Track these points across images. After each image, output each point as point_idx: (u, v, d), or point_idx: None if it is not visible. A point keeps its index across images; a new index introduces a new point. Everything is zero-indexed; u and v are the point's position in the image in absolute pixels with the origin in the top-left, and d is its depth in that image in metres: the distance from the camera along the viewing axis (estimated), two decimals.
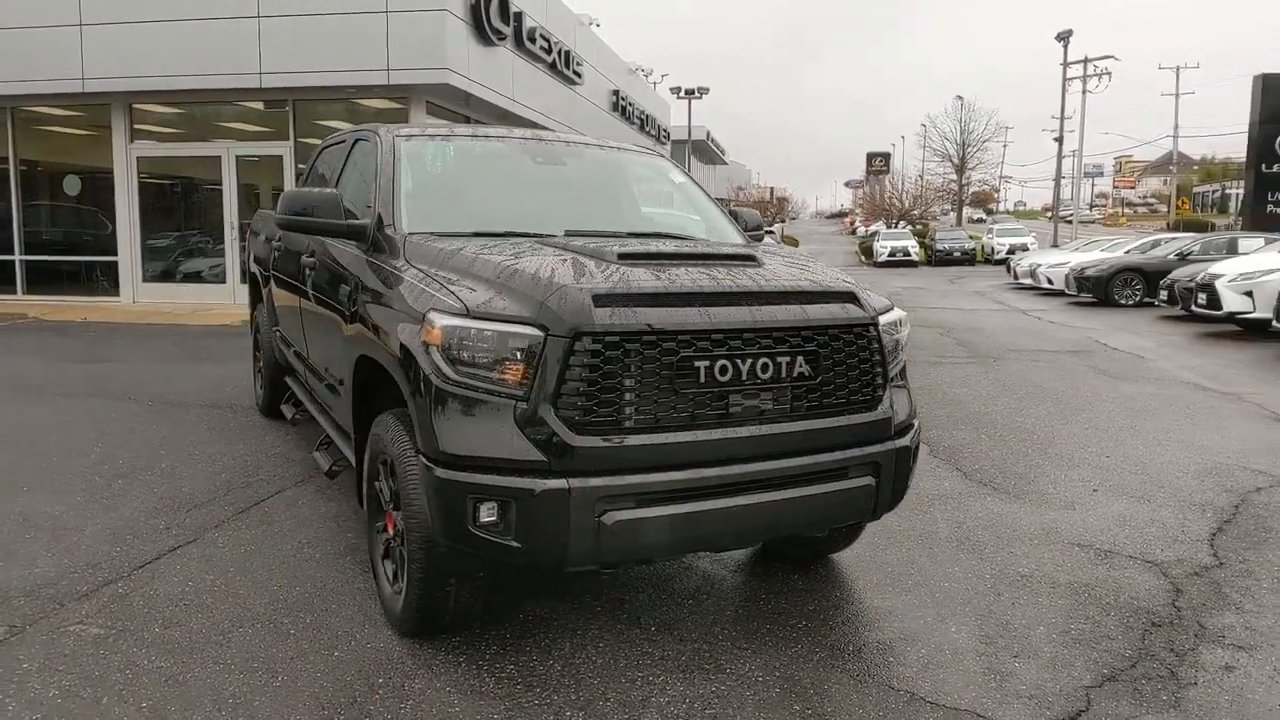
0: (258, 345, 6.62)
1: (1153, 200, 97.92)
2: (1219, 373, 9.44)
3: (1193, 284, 13.63)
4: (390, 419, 3.20)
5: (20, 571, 3.75)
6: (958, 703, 2.89)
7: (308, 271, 4.52)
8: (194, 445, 5.72)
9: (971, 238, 47.12)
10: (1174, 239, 20.35)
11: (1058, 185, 46.52)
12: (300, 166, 13.23)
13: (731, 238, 4.34)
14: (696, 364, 2.85)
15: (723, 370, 2.89)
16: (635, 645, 3.24)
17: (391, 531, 3.30)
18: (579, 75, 17.80)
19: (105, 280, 13.99)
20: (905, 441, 3.31)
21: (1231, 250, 16.97)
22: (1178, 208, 66.43)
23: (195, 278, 14.06)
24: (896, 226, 51.00)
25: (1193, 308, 13.45)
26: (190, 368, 8.53)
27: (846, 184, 66.63)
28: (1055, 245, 35.24)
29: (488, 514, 2.74)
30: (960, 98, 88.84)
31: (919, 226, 52.56)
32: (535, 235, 3.71)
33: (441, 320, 2.82)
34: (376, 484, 3.43)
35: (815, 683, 2.99)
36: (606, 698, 2.88)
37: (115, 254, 13.82)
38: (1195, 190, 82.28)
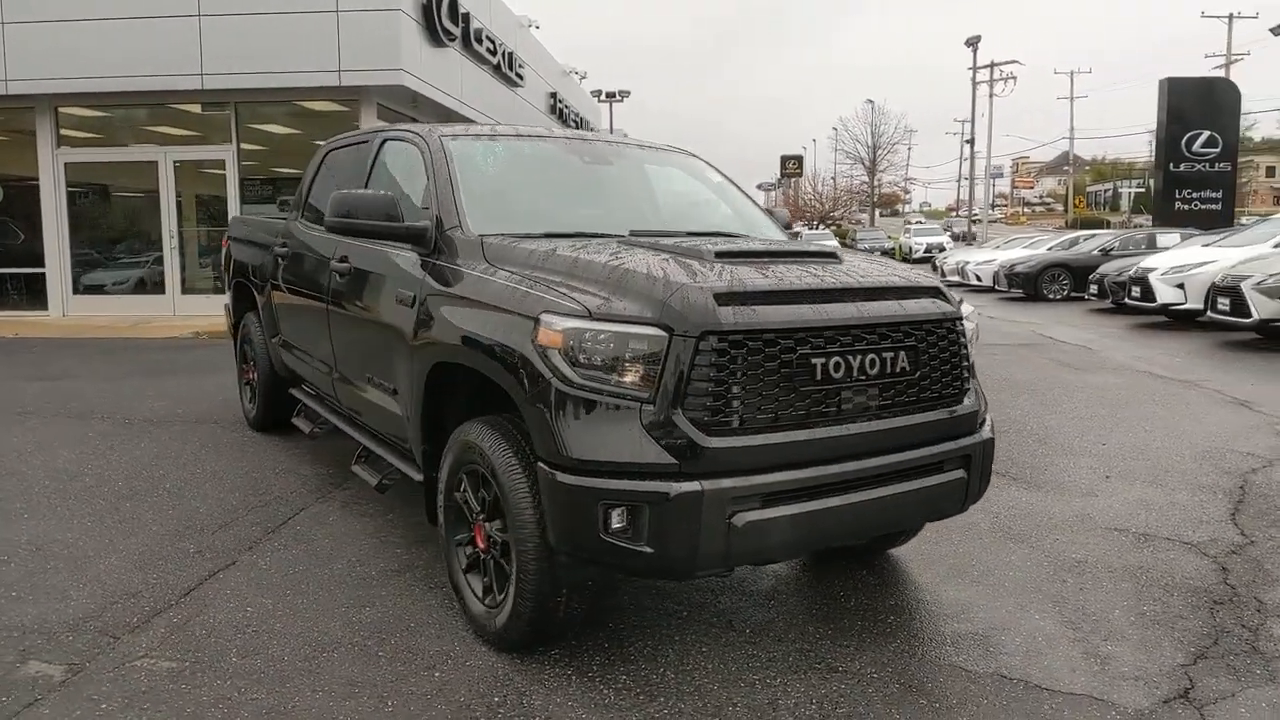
0: (245, 357, 6.33)
1: (1049, 199, 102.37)
2: (1168, 361, 9.91)
3: (1124, 278, 14.29)
4: (482, 427, 3.09)
5: (54, 605, 3.48)
6: (1072, 688, 2.94)
7: (338, 278, 4.33)
8: (191, 464, 5.43)
9: (890, 237, 48.46)
10: (1094, 235, 21.30)
11: (972, 186, 48.26)
12: (246, 170, 12.75)
13: (777, 235, 4.34)
14: (813, 361, 2.83)
15: (835, 367, 2.88)
16: (738, 648, 3.20)
17: (482, 544, 3.18)
18: (521, 78, 17.62)
19: (31, 294, 13.18)
20: (989, 433, 3.36)
21: (1151, 245, 17.88)
22: (1075, 206, 69.65)
23: (130, 289, 13.37)
24: (817, 228, 52.11)
25: (1126, 300, 14.10)
26: (153, 383, 8.09)
27: (759, 186, 67.45)
28: (972, 243, 36.57)
29: (618, 520, 2.67)
30: (871, 101, 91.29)
31: (837, 227, 53.84)
32: (604, 235, 3.64)
33: (562, 323, 2.74)
34: (457, 495, 3.31)
35: (929, 676, 3.01)
36: (733, 703, 2.84)
37: (43, 265, 13.03)
38: (1089, 189, 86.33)
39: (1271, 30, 21.45)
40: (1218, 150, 22.73)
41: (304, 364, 5.07)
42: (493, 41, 15.33)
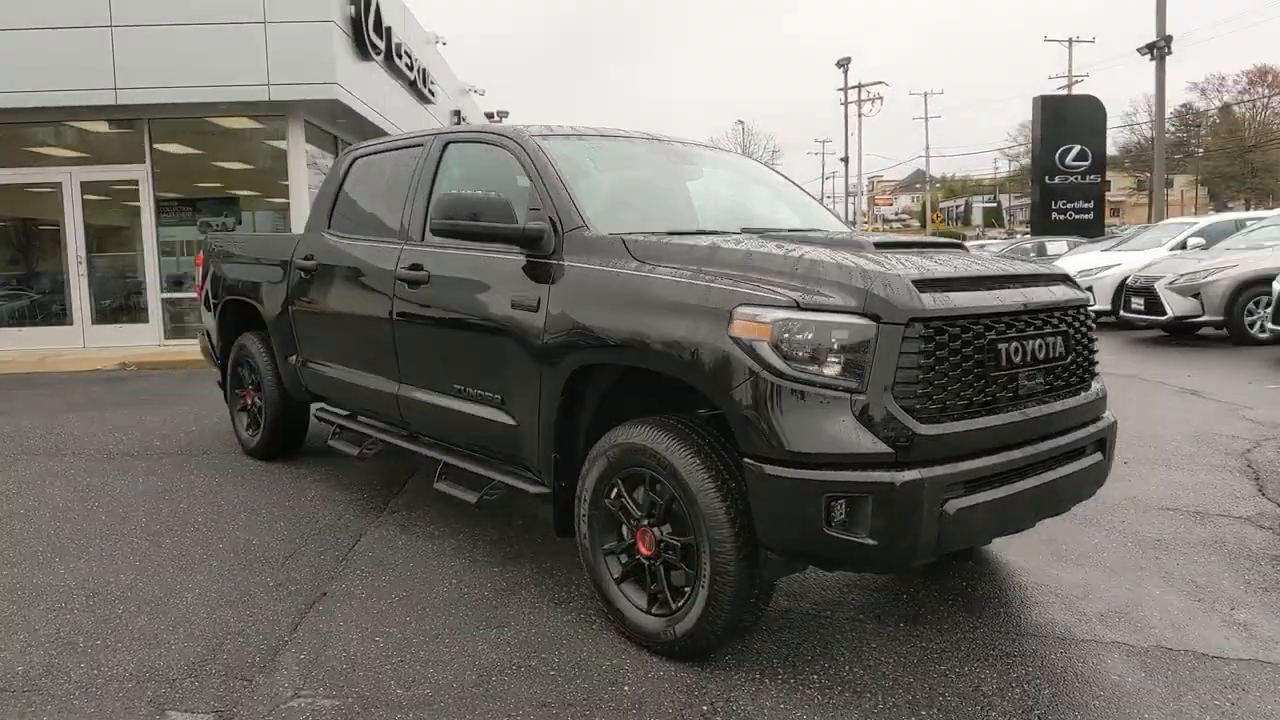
0: (240, 382, 5.90)
1: (905, 216, 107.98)
2: (1107, 359, 10.54)
3: None
4: (652, 428, 2.98)
5: (153, 651, 3.13)
6: (1240, 654, 3.06)
7: (406, 288, 4.10)
8: (210, 496, 5.00)
9: None
10: (982, 247, 22.55)
11: (847, 203, 50.36)
12: (162, 190, 11.94)
13: (845, 230, 4.40)
14: (999, 346, 2.88)
15: (1015, 351, 2.94)
16: (905, 642, 3.18)
17: (647, 551, 3.06)
18: (433, 94, 17.26)
19: None
20: (1113, 417, 3.48)
21: (1041, 253, 19.10)
22: (934, 221, 73.67)
23: (29, 320, 12.25)
24: None
25: None
26: (105, 417, 7.43)
27: None
28: None
29: (840, 513, 2.62)
30: (741, 122, 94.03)
31: None
32: (723, 233, 3.59)
33: (769, 314, 2.68)
34: (607, 502, 3.18)
35: (1103, 654, 3.07)
36: (941, 693, 2.82)
37: None
38: (942, 205, 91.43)
39: (1139, 50, 23.32)
40: (1088, 163, 24.49)
41: (341, 382, 4.76)
42: (410, 57, 14.96)
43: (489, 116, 40.53)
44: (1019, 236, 37.21)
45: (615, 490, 3.17)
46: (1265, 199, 54.13)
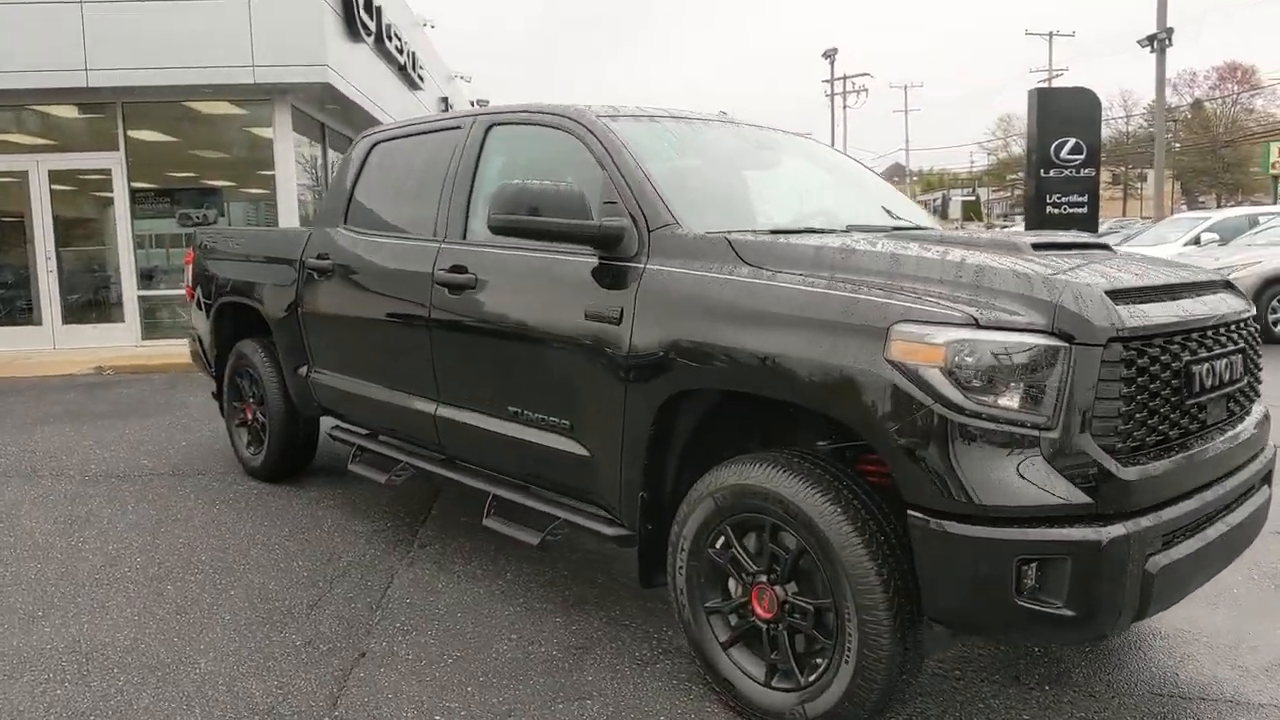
0: (240, 394, 5.32)
1: None
2: None
3: None
4: (776, 468, 2.48)
5: None
6: None
7: (447, 293, 3.56)
8: (212, 528, 4.43)
9: None
10: None
11: None
12: (137, 180, 11.23)
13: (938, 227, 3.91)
14: (1193, 369, 2.41)
15: (1207, 374, 2.47)
16: (1056, 708, 2.71)
17: (765, 613, 2.56)
18: (422, 80, 16.58)
19: None
20: (1274, 444, 3.03)
21: None
22: None
23: None
24: None
25: None
26: (83, 430, 6.79)
27: None
28: None
29: (1032, 579, 2.14)
30: (724, 112, 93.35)
31: None
32: (833, 230, 3.10)
33: (942, 334, 2.18)
34: (711, 552, 2.68)
35: None
36: None
37: None
38: (920, 198, 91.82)
39: (1139, 42, 23.06)
40: (1082, 156, 24.09)
41: (363, 399, 4.20)
42: (399, 40, 14.29)
43: (472, 105, 39.87)
44: (998, 229, 37.01)
45: (723, 539, 2.67)
46: (1235, 194, 54.65)
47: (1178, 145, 60.80)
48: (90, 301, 11.67)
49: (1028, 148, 25.66)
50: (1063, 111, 24.47)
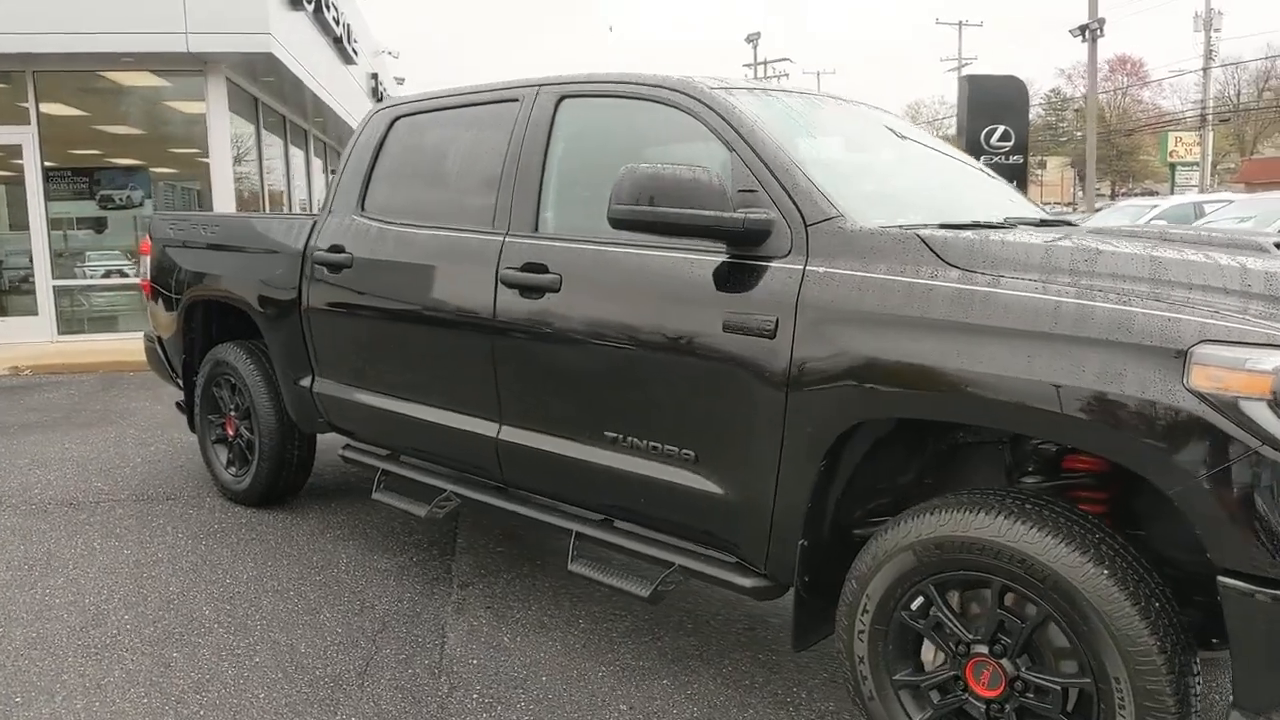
0: (215, 406, 4.60)
1: None
2: None
3: None
4: (997, 516, 2.03)
5: None
6: None
7: (518, 296, 2.99)
8: (205, 570, 3.75)
9: None
10: None
11: None
12: (52, 159, 10.08)
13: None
14: None
15: None
16: None
17: (986, 690, 2.11)
18: (356, 53, 15.55)
19: None
20: None
21: None
22: None
23: None
24: None
25: None
26: (22, 445, 5.88)
27: None
28: None
29: None
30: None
31: None
32: (997, 225, 2.65)
33: (1270, 359, 1.75)
34: (905, 615, 2.22)
35: None
36: None
37: None
38: None
39: (1071, 31, 23.43)
40: (1011, 144, 24.52)
41: (391, 417, 3.58)
42: (337, 10, 13.30)
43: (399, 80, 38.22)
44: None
45: (921, 599, 2.21)
46: (1127, 180, 57.25)
47: (1080, 134, 63.17)
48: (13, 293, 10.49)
49: (958, 134, 26.08)
50: (992, 99, 24.79)
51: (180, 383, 4.95)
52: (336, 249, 3.73)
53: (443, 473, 3.59)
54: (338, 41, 13.91)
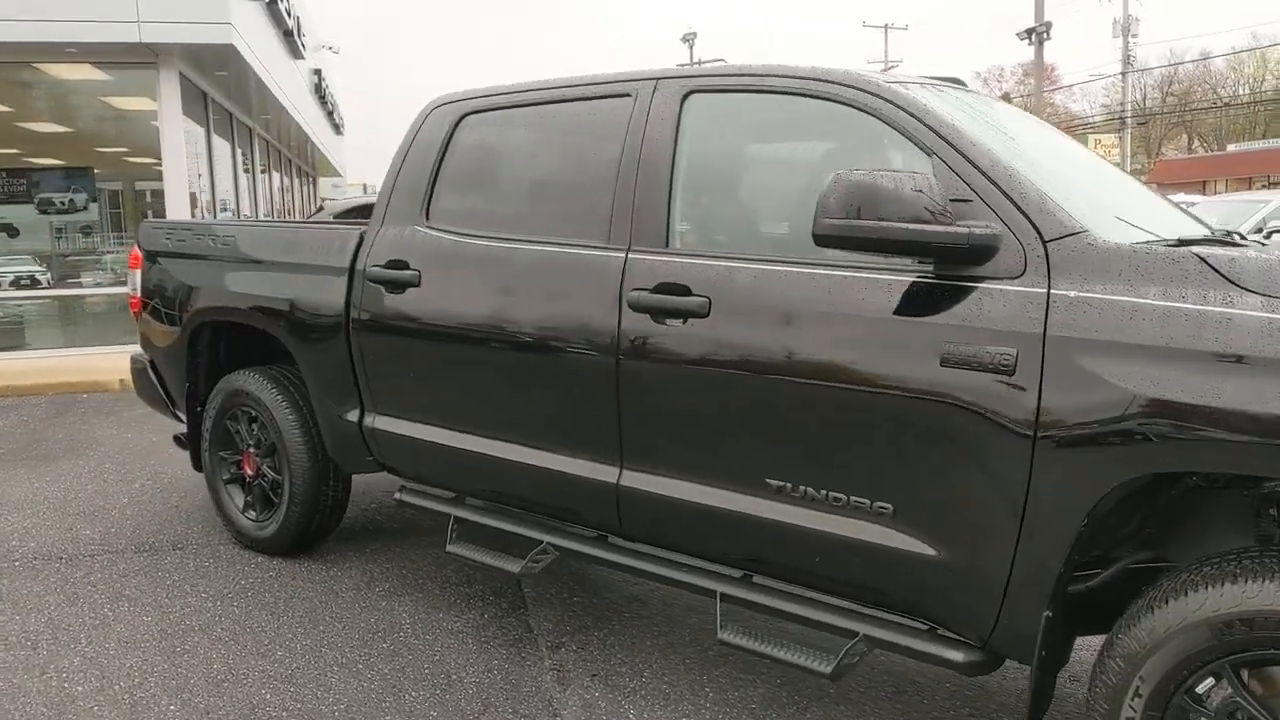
0: (228, 442, 4.06)
1: None
2: None
3: None
4: None
5: None
6: None
7: (649, 321, 2.58)
8: (247, 640, 3.22)
9: None
10: None
11: None
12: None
13: None
14: None
15: None
16: None
17: None
18: (305, 46, 14.76)
19: None
20: None
21: None
22: None
23: None
24: None
25: None
26: None
27: None
28: None
29: None
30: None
31: None
32: (1226, 241, 2.35)
33: None
34: (1181, 700, 1.90)
35: None
36: None
37: None
38: None
39: (1018, 35, 23.74)
40: None
41: (468, 456, 3.12)
42: (289, 1, 12.55)
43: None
44: None
45: (1209, 682, 1.88)
46: None
47: None
48: None
49: None
50: None
51: (179, 414, 4.39)
52: (398, 265, 3.25)
53: (527, 519, 3.14)
54: (288, 35, 13.17)
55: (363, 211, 15.50)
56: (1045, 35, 22.93)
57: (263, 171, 17.42)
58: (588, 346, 2.73)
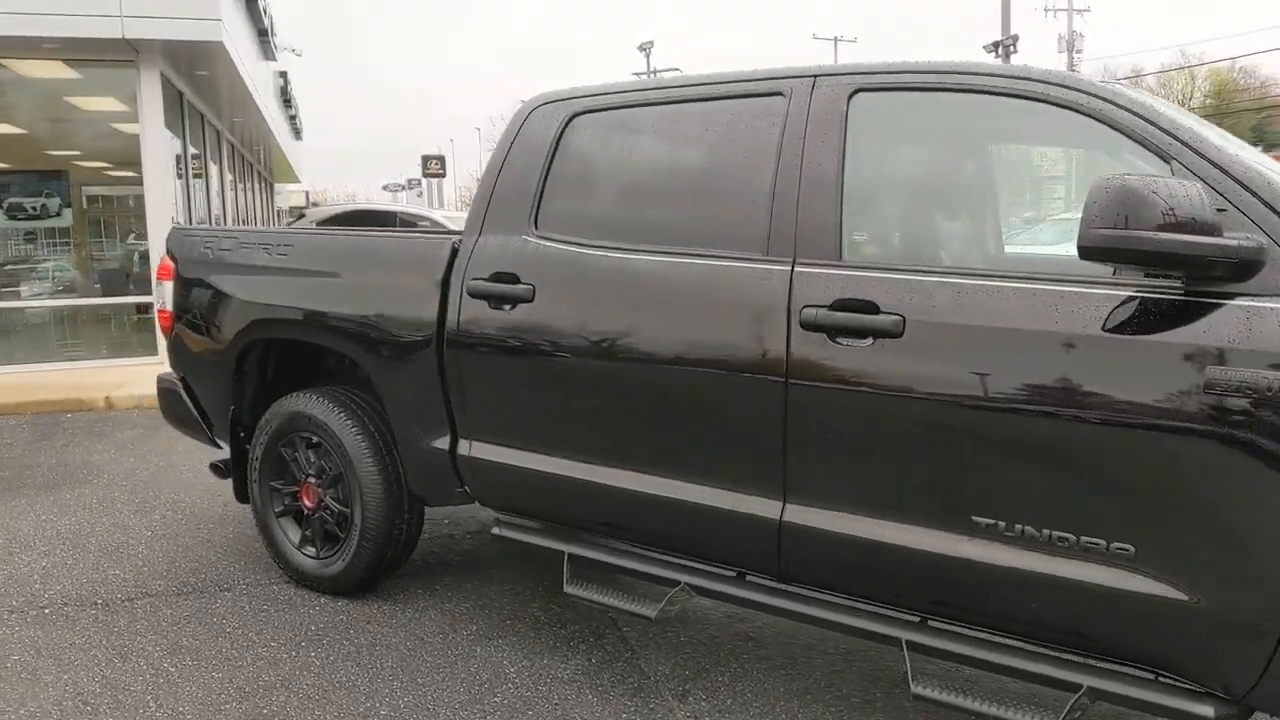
0: (281, 471, 3.71)
1: None
2: None
3: None
4: None
5: None
6: None
7: (825, 341, 2.34)
8: (341, 696, 2.88)
9: None
10: None
11: None
12: None
13: None
14: None
15: None
16: None
17: None
18: (276, 48, 14.22)
19: None
20: None
21: None
22: None
23: None
24: None
25: None
26: None
27: (385, 188, 58.71)
28: None
29: None
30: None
31: None
32: None
33: None
34: None
35: None
36: None
37: None
38: None
39: (984, 47, 24.04)
40: None
41: (590, 487, 2.84)
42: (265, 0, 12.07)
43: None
44: None
45: None
46: None
47: None
48: None
49: None
50: None
51: (218, 440, 4.02)
52: (505, 278, 2.95)
53: (653, 557, 2.87)
54: (262, 34, 12.68)
55: (351, 220, 15.10)
56: (1011, 48, 23.29)
57: (231, 177, 16.80)
58: (747, 367, 2.48)
